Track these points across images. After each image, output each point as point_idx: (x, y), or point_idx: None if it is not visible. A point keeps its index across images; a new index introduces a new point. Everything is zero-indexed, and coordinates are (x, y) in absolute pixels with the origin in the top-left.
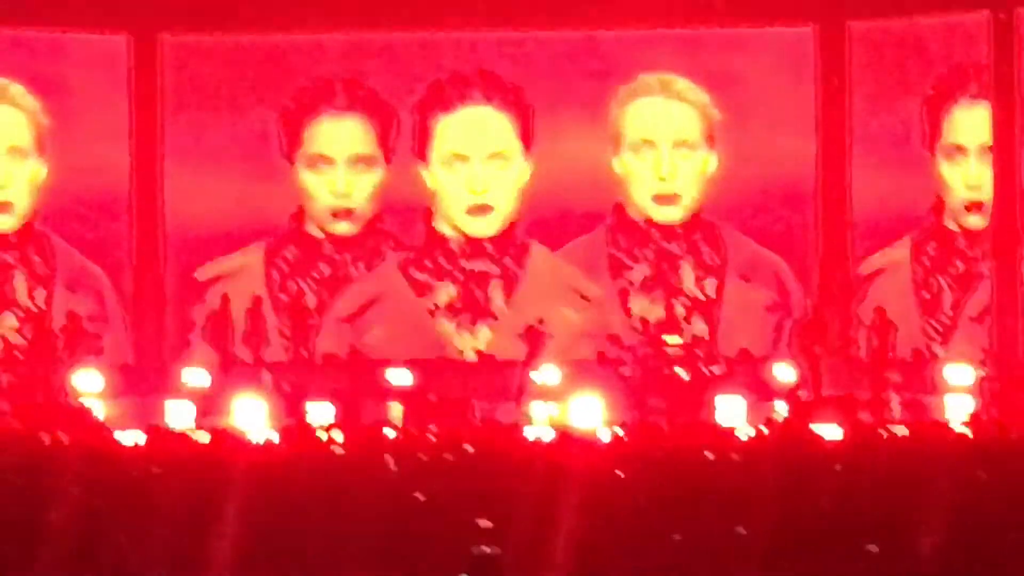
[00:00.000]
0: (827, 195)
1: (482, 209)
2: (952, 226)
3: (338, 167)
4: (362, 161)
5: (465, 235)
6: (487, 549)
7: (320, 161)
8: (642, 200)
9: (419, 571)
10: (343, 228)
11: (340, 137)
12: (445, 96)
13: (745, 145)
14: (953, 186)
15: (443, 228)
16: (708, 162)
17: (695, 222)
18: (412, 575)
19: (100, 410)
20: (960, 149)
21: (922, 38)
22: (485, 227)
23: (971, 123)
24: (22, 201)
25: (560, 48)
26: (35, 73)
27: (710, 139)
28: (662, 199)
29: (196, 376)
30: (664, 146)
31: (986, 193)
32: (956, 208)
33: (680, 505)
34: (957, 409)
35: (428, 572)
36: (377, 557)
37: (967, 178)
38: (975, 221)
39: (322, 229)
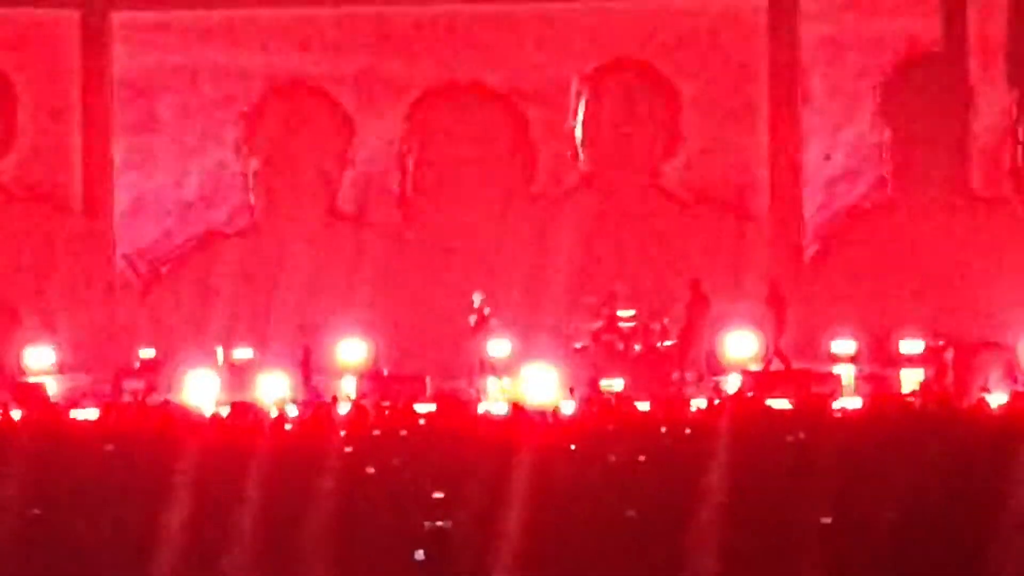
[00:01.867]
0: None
1: None
2: None
3: None
4: None
5: None
6: (440, 523)
7: None
8: None
9: (374, 546)
10: None
11: None
12: None
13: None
14: None
15: None
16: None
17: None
18: (366, 550)
19: (52, 387)
20: None
21: None
22: None
23: None
24: None
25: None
26: None
27: (674, 123)
28: None
29: (147, 351)
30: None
31: None
32: None
33: (633, 479)
34: (910, 381)
35: (382, 547)
36: (331, 532)
37: None
38: None
39: None
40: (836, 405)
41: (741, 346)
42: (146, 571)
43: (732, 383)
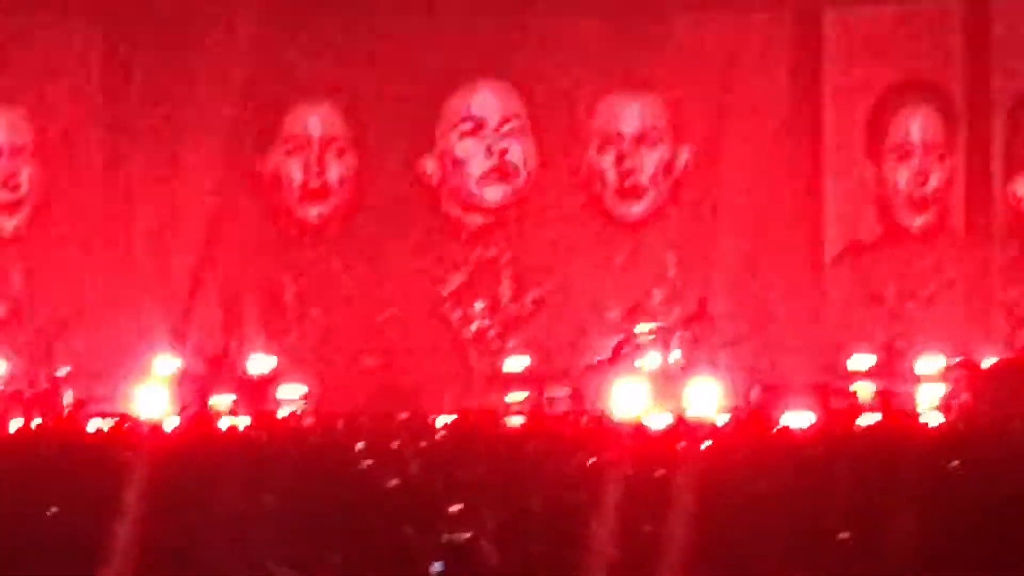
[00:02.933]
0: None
1: None
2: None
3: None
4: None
5: None
6: (460, 536)
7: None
8: (610, 194)
9: (391, 559)
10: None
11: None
12: None
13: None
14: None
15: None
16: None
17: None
18: (384, 563)
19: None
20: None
21: None
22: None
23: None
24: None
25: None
26: None
27: (682, 132)
28: (624, 193)
29: (167, 363)
30: (627, 142)
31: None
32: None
33: (652, 494)
34: (929, 398)
35: (400, 560)
36: (348, 545)
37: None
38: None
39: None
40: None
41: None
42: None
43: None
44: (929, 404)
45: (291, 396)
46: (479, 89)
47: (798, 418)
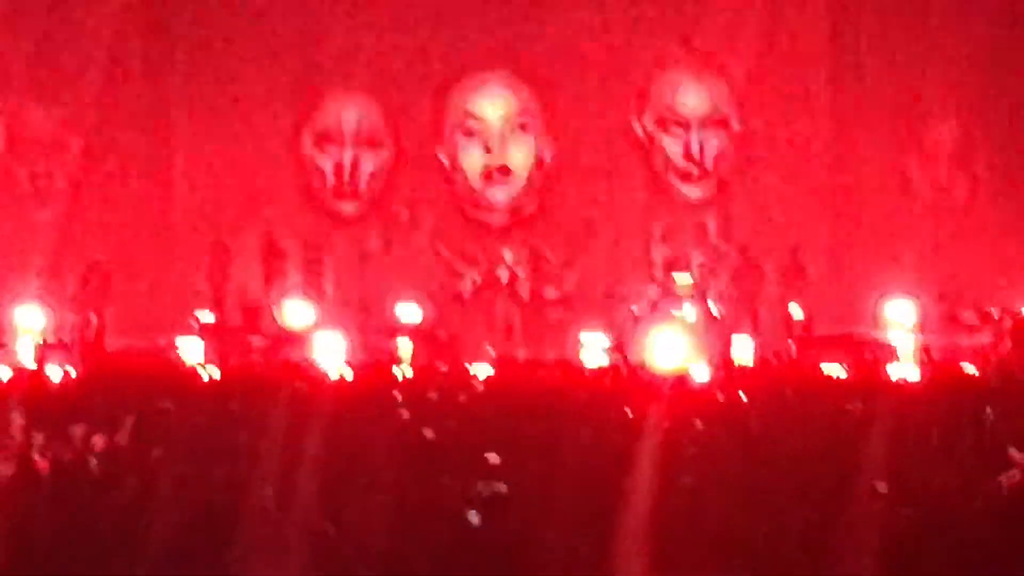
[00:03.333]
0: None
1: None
2: None
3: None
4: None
5: None
6: (495, 486)
7: None
8: (669, 171)
9: (427, 508)
10: None
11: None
12: None
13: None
14: None
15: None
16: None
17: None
18: (420, 511)
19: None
20: None
21: None
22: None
23: None
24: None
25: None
26: None
27: (737, 110)
28: (688, 177)
29: (208, 315)
30: (694, 127)
31: None
32: None
33: (687, 444)
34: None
35: (436, 508)
36: (384, 494)
37: None
38: None
39: None
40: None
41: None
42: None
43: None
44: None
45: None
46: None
47: (834, 368)
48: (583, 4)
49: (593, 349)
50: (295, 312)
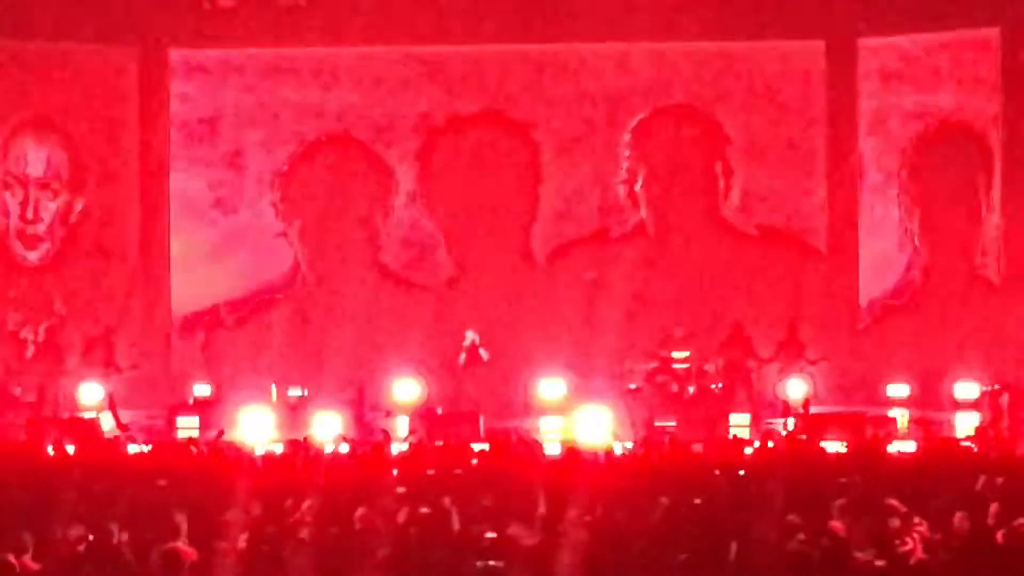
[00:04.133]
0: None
1: None
2: None
3: None
4: None
5: None
6: (493, 563)
7: None
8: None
9: None
10: None
11: None
12: None
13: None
14: None
15: None
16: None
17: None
18: None
19: (105, 422)
20: None
21: None
22: None
23: None
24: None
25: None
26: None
27: (726, 170)
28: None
29: (202, 388)
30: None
31: None
32: None
33: (687, 521)
34: (965, 425)
35: None
36: (384, 571)
37: None
38: None
39: None
40: (891, 448)
41: (796, 389)
42: None
43: (786, 425)
44: (967, 430)
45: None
46: None
47: (834, 444)
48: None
49: (591, 424)
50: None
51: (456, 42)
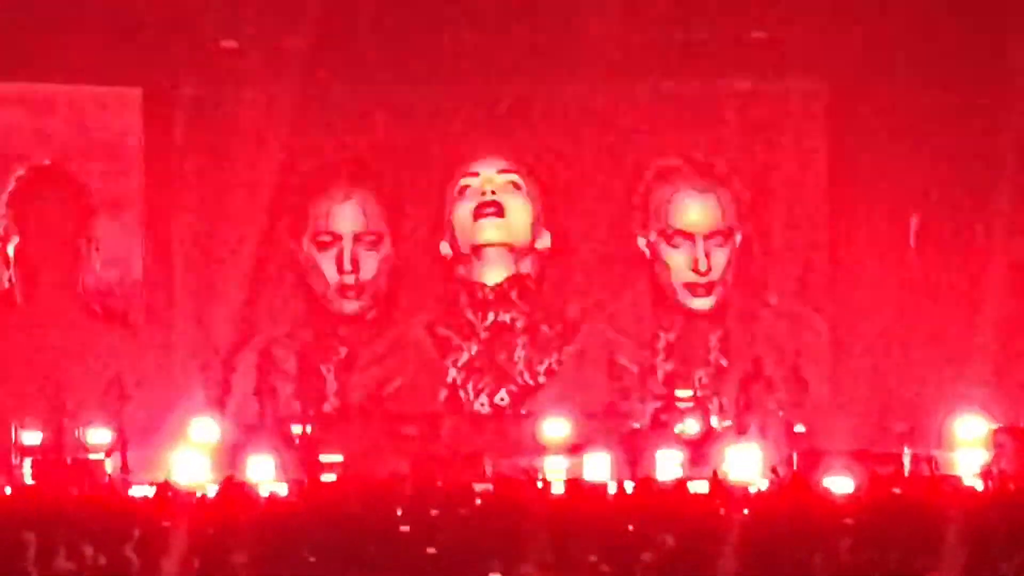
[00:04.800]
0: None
1: None
2: None
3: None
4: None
5: None
6: None
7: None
8: (675, 284)
9: None
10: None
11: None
12: None
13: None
14: None
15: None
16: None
17: (724, 305)
18: None
19: (110, 465)
20: None
21: None
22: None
23: None
24: None
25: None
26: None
27: (739, 220)
28: (696, 289)
29: (207, 429)
30: (699, 240)
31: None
32: None
33: (690, 561)
34: (969, 463)
35: None
36: None
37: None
38: None
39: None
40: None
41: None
42: None
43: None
44: (971, 470)
45: (330, 462)
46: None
47: (840, 483)
48: (581, 110)
49: (596, 465)
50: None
51: None
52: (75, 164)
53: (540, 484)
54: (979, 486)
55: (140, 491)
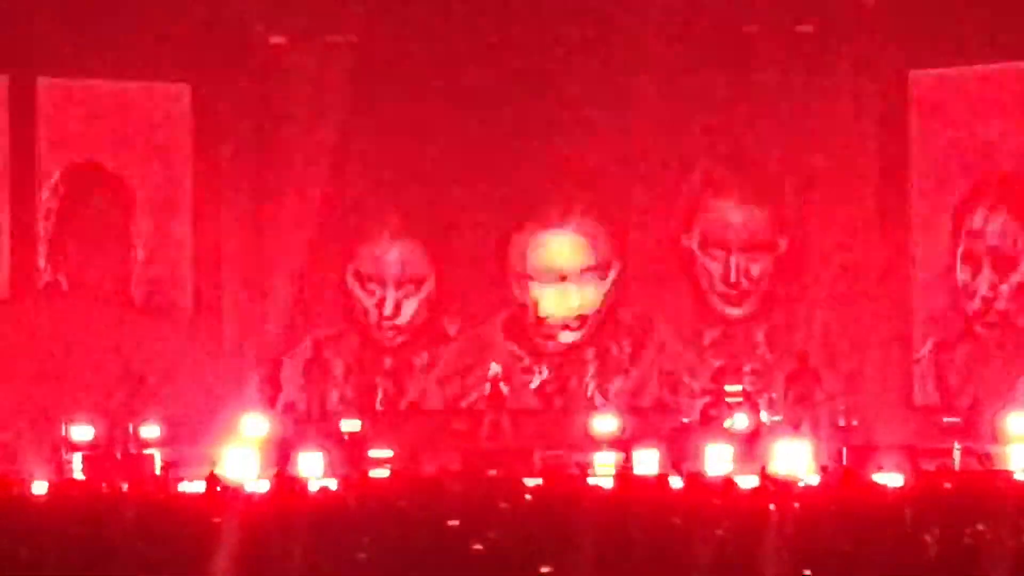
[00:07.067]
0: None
1: None
2: None
3: None
4: None
5: None
6: None
7: None
8: (710, 291)
9: None
10: None
11: None
12: None
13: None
14: None
15: None
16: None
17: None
18: None
19: (161, 459)
20: None
21: None
22: None
23: None
24: None
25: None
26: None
27: (779, 229)
28: (729, 298)
29: (257, 425)
30: (734, 253)
31: None
32: None
33: (740, 555)
34: (1021, 458)
35: None
36: None
37: None
38: None
39: None
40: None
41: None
42: None
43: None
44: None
45: (380, 457)
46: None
47: (889, 478)
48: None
49: (646, 459)
50: (346, 423)
51: None
52: (123, 160)
53: (589, 479)
54: None
55: (190, 486)
